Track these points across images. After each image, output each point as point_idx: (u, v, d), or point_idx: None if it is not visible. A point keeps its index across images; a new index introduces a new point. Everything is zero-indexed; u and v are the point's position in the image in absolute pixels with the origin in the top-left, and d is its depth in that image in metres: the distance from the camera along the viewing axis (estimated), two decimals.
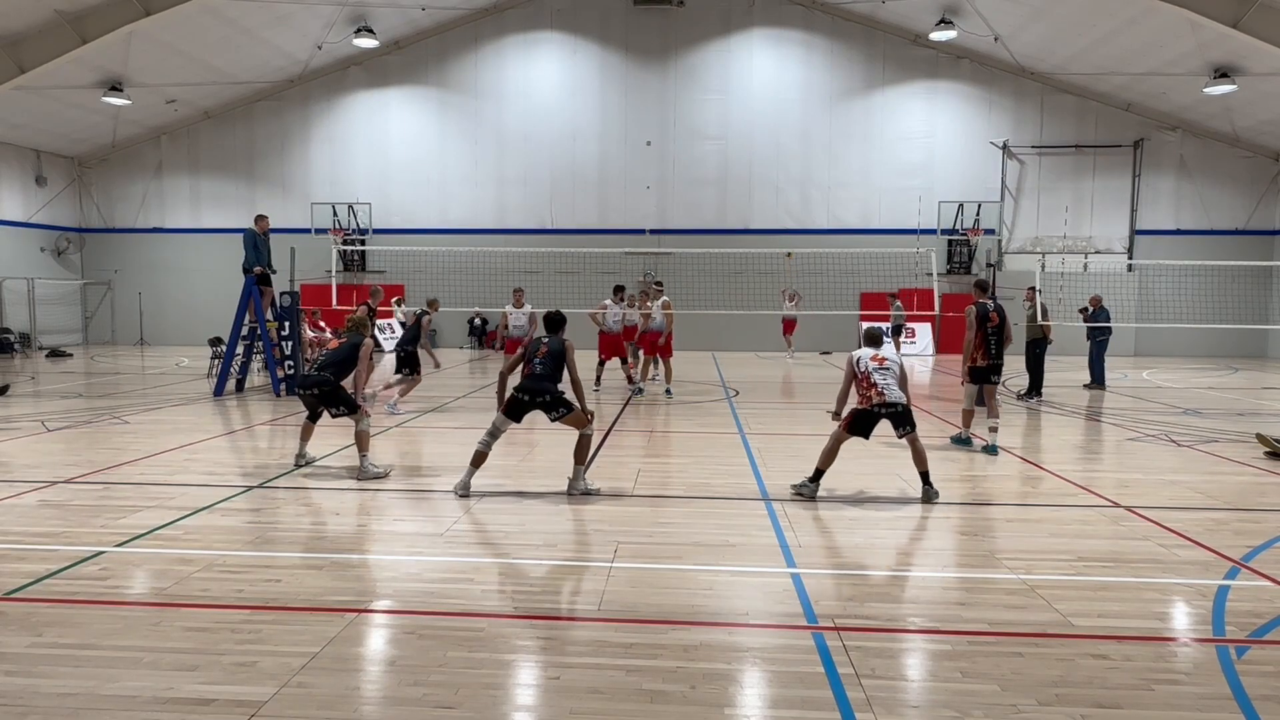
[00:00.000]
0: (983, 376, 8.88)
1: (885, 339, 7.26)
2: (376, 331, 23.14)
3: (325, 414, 7.44)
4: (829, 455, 6.75)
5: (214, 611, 4.09)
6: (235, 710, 3.14)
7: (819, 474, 6.73)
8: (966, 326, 8.86)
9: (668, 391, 13.32)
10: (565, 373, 6.70)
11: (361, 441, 7.25)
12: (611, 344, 13.76)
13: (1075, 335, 16.43)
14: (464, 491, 6.54)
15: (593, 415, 6.83)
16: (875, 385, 6.68)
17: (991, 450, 8.52)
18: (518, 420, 6.62)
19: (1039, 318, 12.98)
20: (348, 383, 7.43)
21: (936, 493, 6.62)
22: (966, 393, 9.06)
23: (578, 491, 6.56)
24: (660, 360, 13.67)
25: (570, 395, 6.63)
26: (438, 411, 11.38)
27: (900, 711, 3.19)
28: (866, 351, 6.93)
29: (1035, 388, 12.83)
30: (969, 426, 9.03)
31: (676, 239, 24.19)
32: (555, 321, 7.10)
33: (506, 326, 13.21)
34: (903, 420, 6.66)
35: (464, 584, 4.55)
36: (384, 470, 7.29)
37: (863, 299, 23.41)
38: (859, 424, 6.74)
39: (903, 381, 6.81)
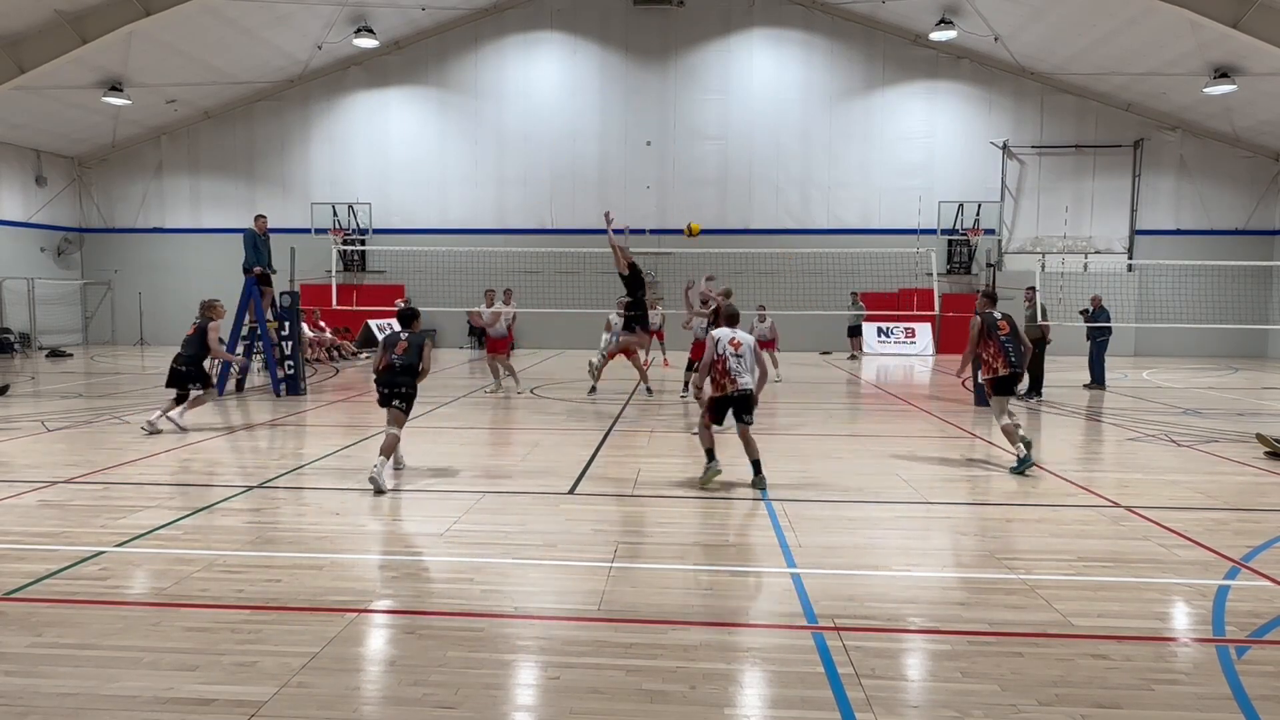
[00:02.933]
0: (1009, 387, 8.02)
1: (754, 322, 7.36)
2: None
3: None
4: (706, 439, 7.14)
5: (214, 611, 4.09)
6: (235, 710, 3.14)
7: (710, 453, 7.09)
8: (970, 340, 8.26)
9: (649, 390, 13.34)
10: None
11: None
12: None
13: (1075, 335, 16.45)
14: (380, 478, 6.58)
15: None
16: (729, 372, 6.98)
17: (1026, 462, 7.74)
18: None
19: (1038, 318, 12.98)
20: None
21: (765, 481, 6.91)
22: (997, 407, 8.07)
23: (375, 480, 6.56)
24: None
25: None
26: (436, 412, 11.38)
27: (900, 711, 3.19)
28: (725, 334, 7.12)
29: (1035, 387, 12.83)
30: (1016, 443, 7.82)
31: (677, 239, 24.18)
32: (409, 316, 7.31)
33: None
34: (747, 407, 7.03)
35: (464, 584, 4.54)
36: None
37: (862, 299, 23.40)
38: (718, 412, 7.13)
39: (755, 367, 7.06)
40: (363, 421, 10.59)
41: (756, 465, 7.04)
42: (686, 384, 12.96)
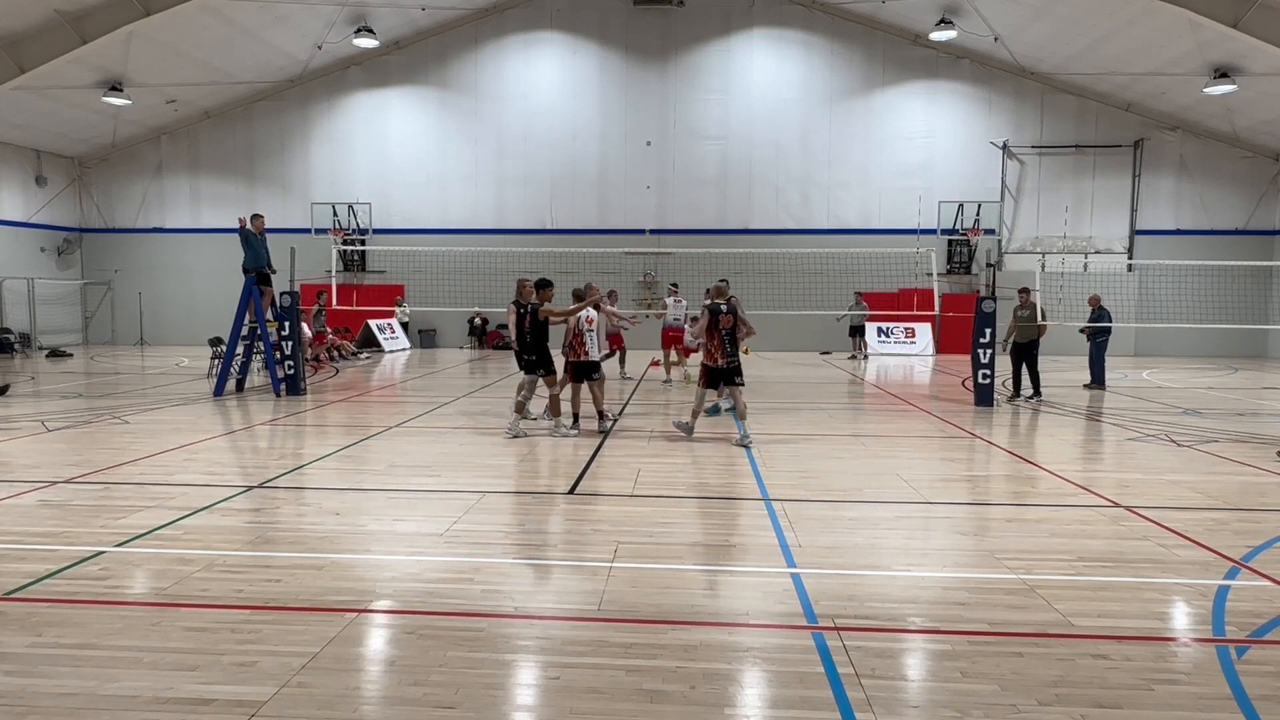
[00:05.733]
0: (725, 378, 8.89)
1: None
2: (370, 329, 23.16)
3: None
4: (573, 400, 9.57)
5: (214, 611, 4.09)
6: (235, 710, 3.14)
7: (575, 418, 9.49)
8: (700, 328, 9.05)
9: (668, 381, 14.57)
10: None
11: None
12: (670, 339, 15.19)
13: (1076, 335, 16.47)
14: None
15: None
16: (584, 345, 9.39)
17: (746, 440, 8.70)
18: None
19: (1037, 318, 12.87)
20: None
21: (612, 423, 9.62)
22: (700, 395, 9.13)
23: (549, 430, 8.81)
24: (680, 355, 15.21)
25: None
26: (437, 411, 11.38)
27: (900, 711, 3.19)
28: (586, 313, 9.44)
29: (1034, 388, 12.76)
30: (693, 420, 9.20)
31: (676, 239, 24.20)
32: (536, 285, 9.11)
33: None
34: (592, 370, 9.45)
35: (464, 584, 4.54)
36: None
37: (865, 299, 23.38)
38: (577, 375, 9.49)
39: (601, 340, 9.75)
40: (363, 421, 10.60)
41: (601, 414, 9.50)
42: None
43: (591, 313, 9.56)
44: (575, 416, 9.55)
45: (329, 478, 7.20)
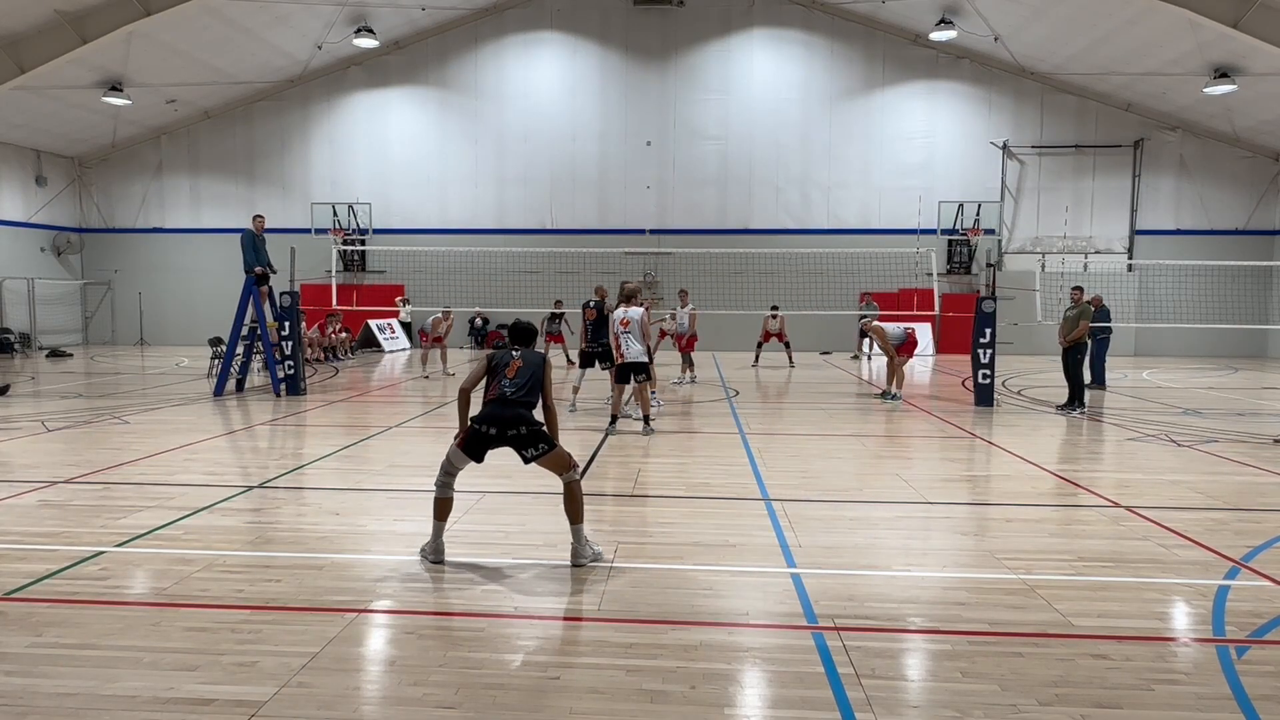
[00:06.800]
0: (586, 361, 10.84)
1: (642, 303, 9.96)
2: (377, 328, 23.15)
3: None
4: (616, 402, 9.59)
5: (214, 611, 4.09)
6: (235, 710, 3.14)
7: (613, 419, 9.49)
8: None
9: (684, 381, 15.04)
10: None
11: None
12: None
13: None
14: (436, 558, 4.85)
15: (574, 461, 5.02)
16: (620, 347, 9.50)
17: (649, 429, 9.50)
18: (479, 459, 4.93)
19: (1083, 319, 11.67)
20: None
21: (652, 430, 9.30)
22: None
23: (585, 560, 4.79)
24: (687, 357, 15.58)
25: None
26: (437, 411, 11.39)
27: (900, 711, 3.19)
28: (619, 314, 9.52)
29: (1072, 396, 11.61)
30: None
31: (676, 239, 24.19)
32: (527, 332, 5.34)
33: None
34: (639, 370, 9.47)
35: (464, 584, 4.54)
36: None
37: (874, 299, 23.34)
38: (621, 376, 9.61)
39: (643, 339, 9.50)
40: (362, 421, 10.60)
41: (646, 419, 9.47)
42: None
43: (630, 312, 9.51)
44: (613, 418, 9.56)
45: (329, 478, 7.20)
